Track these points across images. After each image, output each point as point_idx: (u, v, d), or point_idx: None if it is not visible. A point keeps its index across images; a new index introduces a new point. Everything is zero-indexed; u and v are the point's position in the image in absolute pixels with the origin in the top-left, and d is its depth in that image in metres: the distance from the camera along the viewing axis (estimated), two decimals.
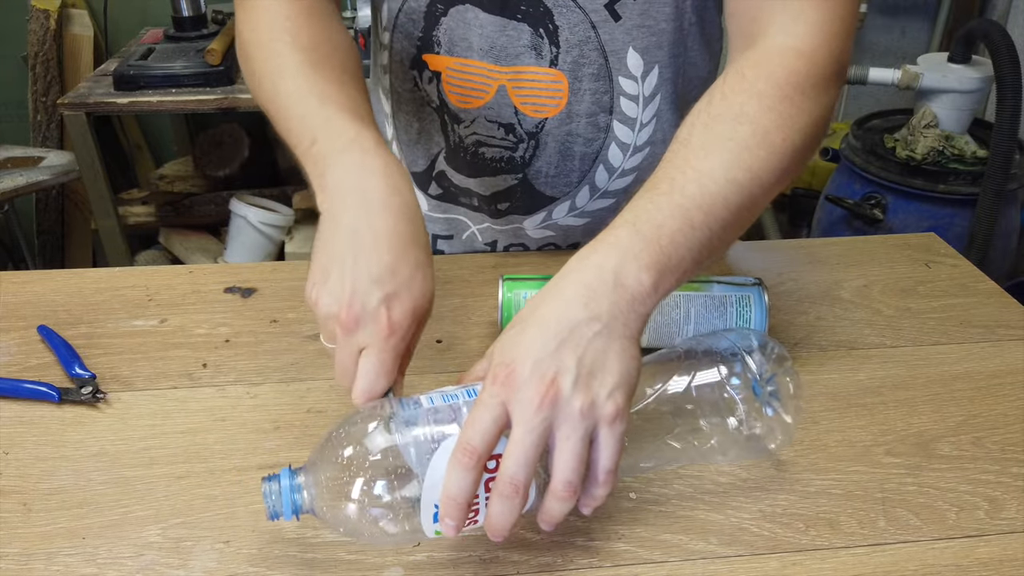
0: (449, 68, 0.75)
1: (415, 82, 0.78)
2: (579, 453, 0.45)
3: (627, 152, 0.78)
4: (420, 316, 0.54)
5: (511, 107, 0.75)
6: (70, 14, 2.22)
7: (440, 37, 0.74)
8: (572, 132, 0.76)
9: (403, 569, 0.50)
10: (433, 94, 0.78)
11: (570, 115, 0.75)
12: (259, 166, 2.29)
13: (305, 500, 0.46)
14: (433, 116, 0.79)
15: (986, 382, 0.67)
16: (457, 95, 0.76)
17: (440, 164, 0.83)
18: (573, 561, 0.51)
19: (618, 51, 0.72)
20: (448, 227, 0.88)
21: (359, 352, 0.51)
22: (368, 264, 0.52)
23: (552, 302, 0.48)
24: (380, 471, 0.45)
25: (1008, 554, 0.52)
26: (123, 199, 2.26)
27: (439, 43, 0.74)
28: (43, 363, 0.68)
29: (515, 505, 0.44)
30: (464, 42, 0.73)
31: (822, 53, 0.57)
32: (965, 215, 1.73)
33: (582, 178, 0.79)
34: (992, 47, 1.62)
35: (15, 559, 0.51)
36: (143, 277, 0.80)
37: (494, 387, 0.45)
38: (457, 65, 0.74)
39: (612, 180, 0.80)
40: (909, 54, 2.26)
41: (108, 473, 0.57)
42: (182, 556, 0.51)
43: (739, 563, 0.51)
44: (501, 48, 0.72)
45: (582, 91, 0.74)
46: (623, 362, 0.46)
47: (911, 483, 0.57)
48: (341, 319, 0.51)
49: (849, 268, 0.83)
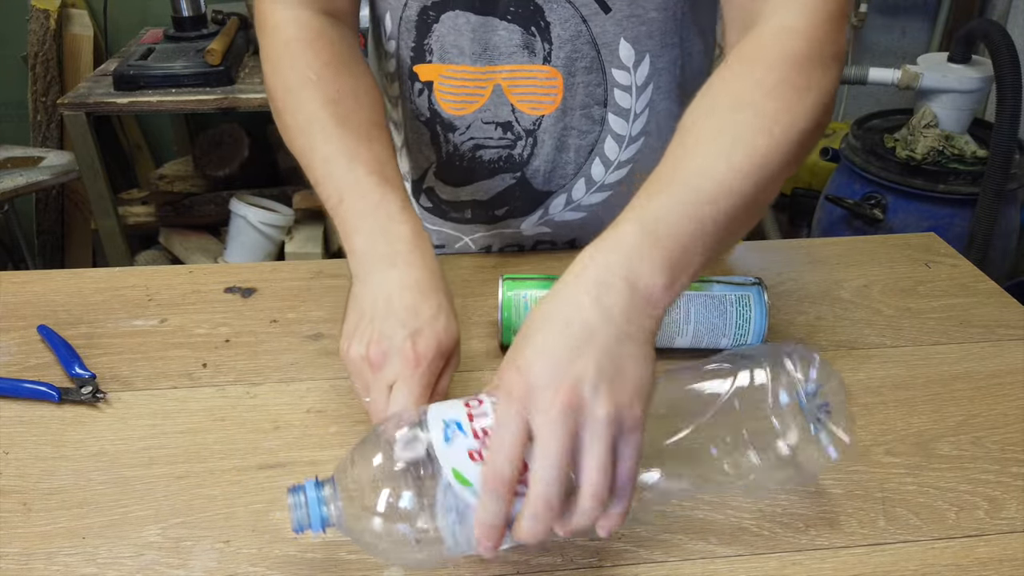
0: (442, 76, 0.75)
1: (408, 94, 0.78)
2: (606, 463, 0.43)
3: (622, 144, 0.78)
4: (446, 351, 0.55)
5: (508, 105, 0.75)
6: (70, 14, 2.22)
7: (432, 45, 0.74)
8: (568, 126, 0.76)
9: (403, 569, 0.50)
10: (423, 107, 0.77)
11: (565, 110, 0.75)
12: (259, 166, 2.29)
13: (332, 513, 0.45)
14: (423, 130, 0.79)
15: (986, 382, 0.67)
16: (451, 102, 0.76)
17: (430, 180, 0.83)
18: (573, 561, 0.51)
19: (609, 43, 0.72)
20: (439, 238, 0.88)
21: (389, 389, 0.53)
22: (393, 311, 0.55)
23: (562, 306, 0.46)
24: (410, 484, 0.43)
25: (1008, 554, 0.52)
26: (123, 199, 2.27)
27: (431, 51, 0.74)
28: (43, 363, 0.68)
29: (548, 520, 0.43)
30: (456, 48, 0.73)
31: (818, 34, 0.55)
32: (965, 215, 1.73)
33: (577, 171, 0.79)
34: (992, 47, 1.62)
35: (15, 559, 0.51)
36: (143, 277, 0.80)
37: (511, 402, 0.43)
38: (450, 72, 0.74)
39: (608, 173, 0.80)
40: (909, 54, 2.26)
41: (108, 473, 0.57)
42: (182, 556, 0.51)
43: (739, 563, 0.51)
44: (494, 48, 0.72)
45: (576, 85, 0.74)
46: (640, 367, 0.45)
47: (911, 483, 0.57)
48: (370, 358, 0.54)
49: (849, 268, 0.83)
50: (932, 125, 1.79)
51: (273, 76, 0.67)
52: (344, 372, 0.67)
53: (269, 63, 0.68)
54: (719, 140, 0.51)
